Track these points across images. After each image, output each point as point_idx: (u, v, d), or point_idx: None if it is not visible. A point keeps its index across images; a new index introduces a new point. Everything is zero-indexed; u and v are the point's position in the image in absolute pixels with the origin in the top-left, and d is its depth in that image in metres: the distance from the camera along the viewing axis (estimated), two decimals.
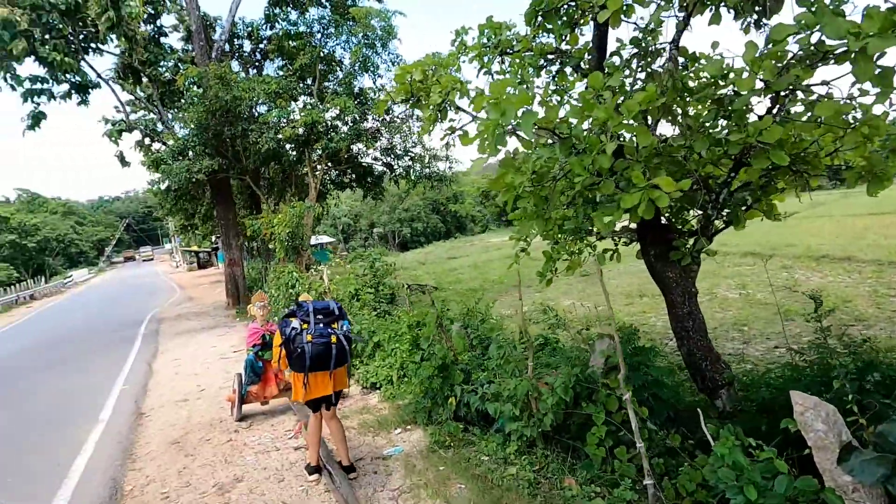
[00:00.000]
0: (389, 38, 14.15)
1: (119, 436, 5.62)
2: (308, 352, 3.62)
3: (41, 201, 68.42)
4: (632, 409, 3.15)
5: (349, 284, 9.69)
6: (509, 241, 4.56)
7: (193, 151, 13.47)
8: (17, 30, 10.65)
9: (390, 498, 3.66)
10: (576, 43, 5.20)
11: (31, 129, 13.64)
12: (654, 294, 10.49)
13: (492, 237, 42.73)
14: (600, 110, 3.33)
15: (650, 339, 7.40)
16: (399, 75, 5.34)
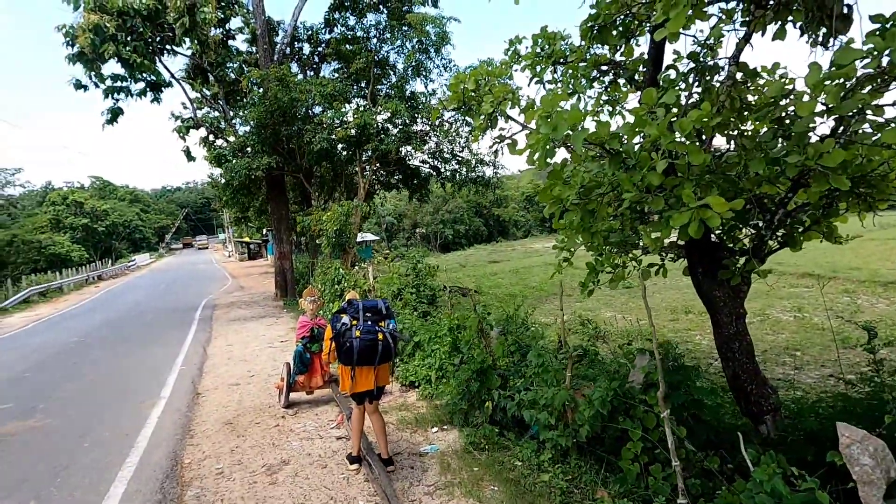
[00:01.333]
0: (443, 44, 14.40)
1: (178, 413, 6.07)
2: (356, 347, 3.84)
3: (111, 188, 73.50)
4: (669, 427, 3.15)
5: (392, 284, 9.96)
6: (551, 248, 4.62)
7: (253, 149, 14.21)
8: (106, 34, 11.65)
9: (426, 493, 3.81)
10: (631, 55, 5.19)
11: (110, 123, 14.81)
12: (699, 311, 10.18)
13: (534, 243, 42.35)
14: (652, 127, 3.35)
15: (693, 357, 7.22)
16: (453, 84, 5.48)
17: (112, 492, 4.15)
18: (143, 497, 4.04)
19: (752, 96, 4.57)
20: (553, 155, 3.60)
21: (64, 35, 12.54)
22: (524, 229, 56.10)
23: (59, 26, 12.63)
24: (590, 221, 4.14)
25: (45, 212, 51.40)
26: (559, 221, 4.22)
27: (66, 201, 52.58)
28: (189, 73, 15.73)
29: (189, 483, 4.24)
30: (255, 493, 3.99)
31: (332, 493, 3.90)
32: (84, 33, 11.87)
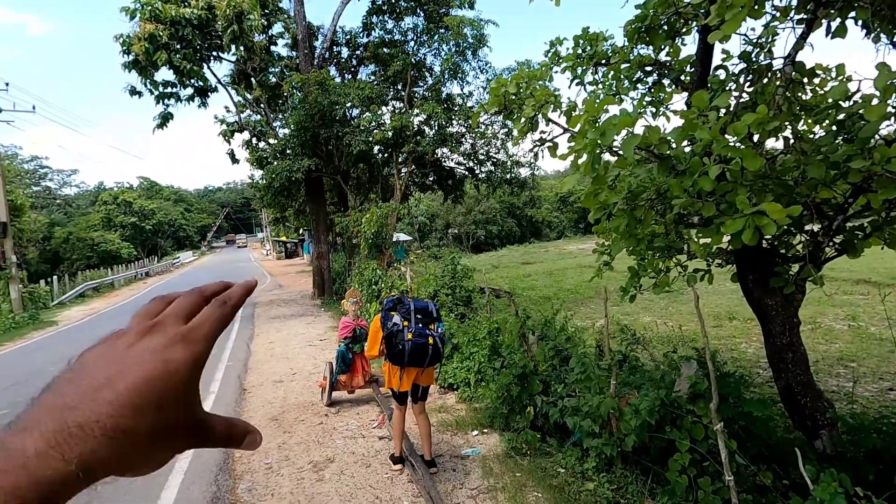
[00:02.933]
0: (480, 46, 14.40)
1: (227, 407, 6.34)
2: (408, 349, 3.91)
3: (157, 188, 76.92)
4: (722, 440, 3.08)
5: (429, 285, 10.05)
6: (585, 250, 4.59)
7: (293, 151, 14.61)
8: (159, 42, 12.26)
9: (469, 496, 3.85)
10: (677, 55, 5.07)
11: (161, 127, 15.53)
12: (745, 318, 9.82)
13: (568, 244, 41.76)
14: (704, 131, 3.27)
15: (739, 366, 6.98)
16: (494, 88, 5.50)
17: (170, 482, 4.38)
18: (199, 488, 4.25)
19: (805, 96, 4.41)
20: (600, 160, 3.57)
21: (121, 44, 13.25)
22: (557, 230, 55.40)
23: (116, 35, 13.37)
24: (635, 226, 4.09)
25: (98, 211, 54.29)
26: (604, 225, 4.18)
27: (117, 201, 55.38)
28: (234, 78, 16.32)
29: (240, 476, 4.43)
30: (304, 488, 4.13)
31: (377, 492, 3.99)
32: (139, 42, 12.52)
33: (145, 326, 0.40)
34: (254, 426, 0.43)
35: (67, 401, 0.34)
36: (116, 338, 0.40)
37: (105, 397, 0.34)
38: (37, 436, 0.32)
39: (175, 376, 0.37)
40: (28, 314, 17.64)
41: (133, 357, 0.37)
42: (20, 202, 20.95)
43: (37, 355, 11.19)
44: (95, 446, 0.33)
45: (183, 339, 0.39)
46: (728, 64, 4.56)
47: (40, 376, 8.89)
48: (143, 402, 0.35)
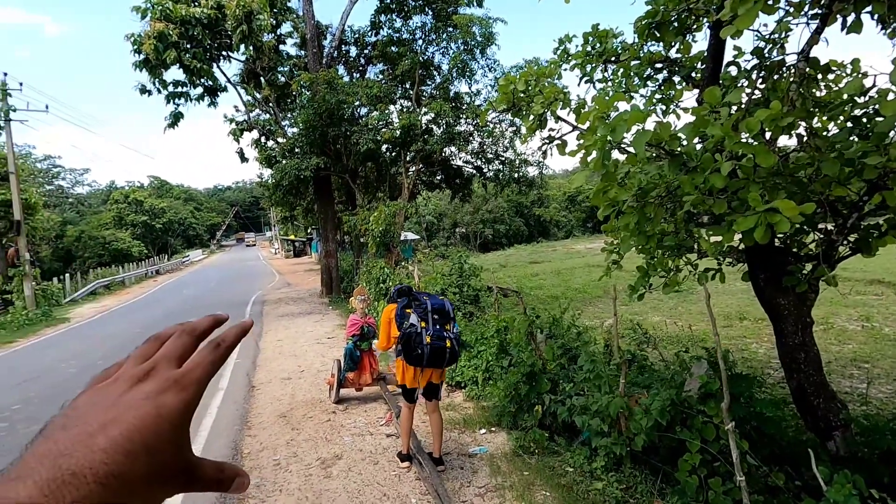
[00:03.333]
0: (488, 44, 14.38)
1: (236, 404, 6.37)
2: (426, 353, 3.87)
3: (168, 188, 77.64)
4: (733, 440, 3.05)
5: (436, 283, 10.05)
6: (593, 249, 4.55)
7: (301, 150, 14.67)
8: (169, 41, 12.36)
9: (476, 494, 3.84)
10: (688, 51, 5.02)
11: (171, 126, 15.67)
12: (755, 318, 9.72)
13: (576, 244, 41.59)
14: (716, 128, 3.24)
15: (749, 366, 6.91)
16: (503, 85, 5.47)
17: None
18: None
19: (820, 92, 4.35)
20: (610, 157, 3.54)
21: (132, 43, 13.37)
22: (566, 230, 55.20)
23: (127, 35, 13.50)
24: (645, 224, 4.05)
25: (109, 209, 54.90)
26: (613, 223, 4.15)
27: (128, 200, 55.97)
28: (243, 77, 16.42)
29: (249, 472, 4.43)
30: (312, 485, 4.14)
31: (384, 489, 4.00)
32: (149, 40, 12.64)
33: (139, 371, 0.41)
34: (243, 470, 0.44)
35: (61, 448, 0.35)
36: (108, 382, 0.40)
37: (99, 444, 0.35)
38: (30, 484, 0.33)
39: (167, 422, 0.38)
40: (41, 311, 17.88)
41: (126, 403, 0.38)
42: (34, 201, 21.20)
43: (49, 352, 11.34)
44: (88, 493, 0.33)
45: (175, 383, 0.40)
46: (740, 60, 4.51)
47: (52, 373, 9.00)
48: (135, 447, 0.35)
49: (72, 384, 8.00)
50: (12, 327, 15.44)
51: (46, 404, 7.04)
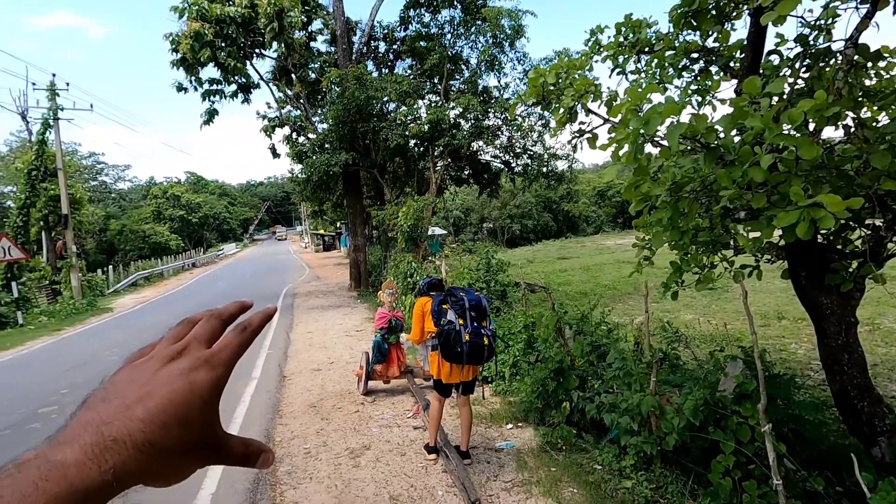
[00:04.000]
0: (517, 37, 14.21)
1: (268, 394, 6.56)
2: (466, 351, 3.86)
3: (203, 183, 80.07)
4: (770, 442, 2.95)
5: (463, 278, 10.06)
6: (623, 245, 4.46)
7: (331, 146, 14.88)
8: (204, 40, 12.72)
9: (503, 489, 3.85)
10: (726, 40, 4.84)
11: (207, 123, 16.12)
12: (795, 317, 9.36)
13: (605, 239, 40.86)
14: (755, 119, 3.11)
15: (788, 367, 6.66)
16: (532, 78, 5.40)
17: None
18: (242, 469, 4.40)
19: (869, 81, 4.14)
20: (642, 151, 3.46)
21: (170, 42, 13.82)
22: (595, 225, 54.27)
23: (166, 34, 13.95)
24: (679, 219, 3.94)
25: (149, 204, 57.04)
26: (645, 219, 4.05)
27: (166, 195, 58.02)
28: (275, 74, 16.74)
29: (281, 459, 4.58)
30: (341, 474, 4.23)
31: (411, 480, 4.05)
32: (186, 39, 13.04)
33: (172, 350, 0.43)
34: (268, 446, 0.46)
35: (103, 417, 0.38)
36: (144, 360, 0.44)
37: (137, 414, 0.38)
38: (76, 448, 0.36)
39: (198, 397, 0.40)
40: (86, 301, 18.78)
41: (161, 378, 0.41)
42: (80, 196, 22.25)
43: (94, 340, 11.91)
44: (127, 458, 0.36)
45: (206, 362, 0.43)
46: (782, 49, 4.33)
47: (97, 360, 9.46)
48: (169, 419, 0.38)
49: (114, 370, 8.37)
50: (61, 316, 16.27)
51: (92, 388, 7.39)
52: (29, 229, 20.37)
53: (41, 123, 19.93)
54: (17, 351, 11.14)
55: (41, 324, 14.99)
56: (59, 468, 0.35)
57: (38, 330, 13.95)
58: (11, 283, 15.60)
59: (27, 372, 9.00)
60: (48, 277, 20.07)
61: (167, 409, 0.39)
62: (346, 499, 3.84)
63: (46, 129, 19.94)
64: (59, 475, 0.34)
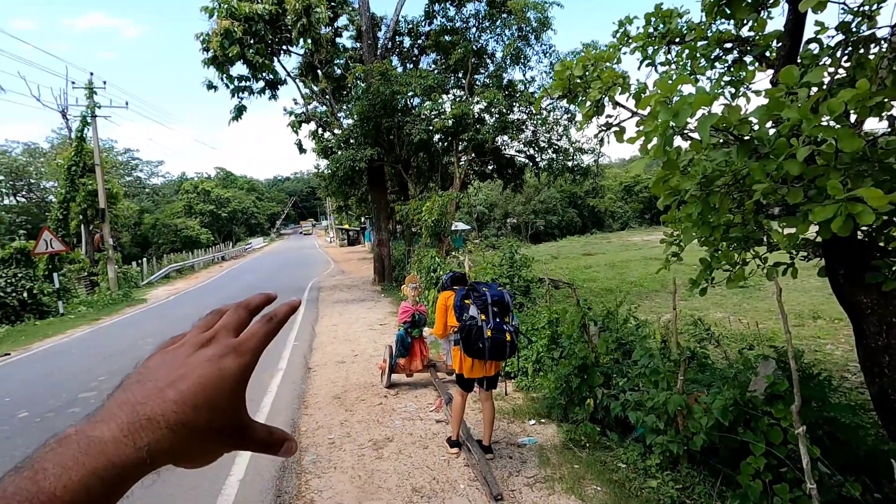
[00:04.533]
0: (544, 30, 14.02)
1: (294, 384, 6.69)
2: (488, 347, 3.85)
3: (232, 178, 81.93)
4: (804, 445, 2.86)
5: (486, 273, 10.03)
6: (650, 241, 4.35)
7: (356, 141, 15.01)
8: (234, 38, 13.00)
9: (525, 484, 3.84)
10: (762, 29, 4.67)
11: (235, 119, 16.47)
12: (831, 317, 9.01)
13: (632, 235, 40.10)
14: (792, 110, 3.00)
15: (823, 368, 6.42)
16: (558, 71, 5.32)
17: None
18: (269, 457, 4.51)
19: None
20: (672, 143, 3.37)
21: (201, 42, 14.16)
22: (621, 221, 53.31)
23: (197, 34, 14.30)
24: (710, 214, 3.83)
25: (180, 199, 58.70)
26: (674, 214, 3.96)
27: (197, 190, 59.58)
28: (301, 70, 16.96)
29: (306, 449, 4.68)
30: (364, 464, 4.29)
31: (433, 473, 4.08)
32: (216, 37, 13.34)
33: (202, 338, 0.45)
34: (291, 435, 0.48)
35: (138, 398, 0.40)
36: (176, 346, 0.45)
37: (170, 396, 0.40)
38: (113, 426, 0.38)
39: (227, 382, 0.42)
40: (122, 292, 19.50)
41: (192, 364, 0.43)
42: (116, 191, 23.09)
43: (130, 329, 12.37)
44: (160, 437, 0.38)
45: (234, 350, 0.45)
46: (822, 37, 4.15)
47: (133, 348, 9.82)
48: (200, 401, 0.40)
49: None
50: (98, 306, 16.95)
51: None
52: (69, 223, 21.24)
53: (80, 121, 20.72)
54: (58, 339, 11.67)
55: (80, 313, 15.65)
56: (98, 444, 0.36)
57: (77, 319, 14.57)
58: (53, 275, 16.32)
59: (68, 359, 9.41)
60: (87, 269, 20.92)
61: (197, 392, 0.40)
62: (369, 489, 3.89)
63: (85, 126, 20.71)
64: (97, 450, 0.36)
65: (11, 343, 11.46)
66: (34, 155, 44.40)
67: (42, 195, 43.95)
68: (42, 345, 11.08)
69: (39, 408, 6.38)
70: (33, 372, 8.56)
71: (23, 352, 10.43)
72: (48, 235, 15.95)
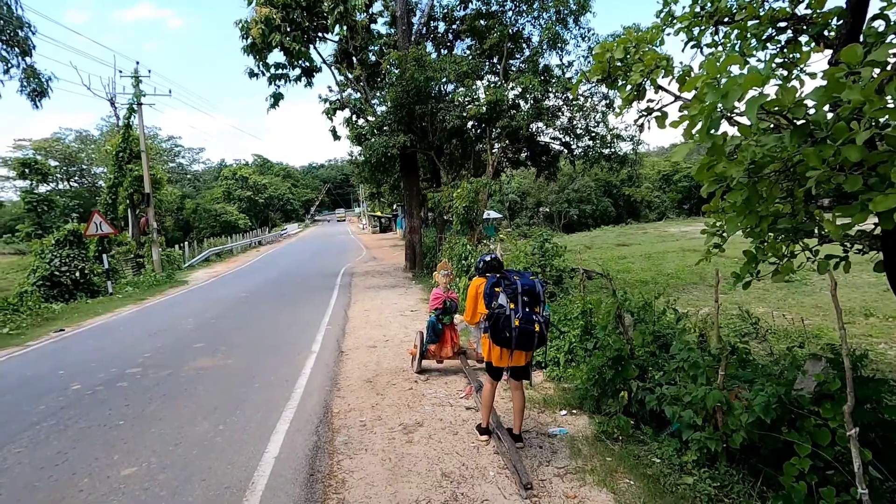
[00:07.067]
0: (583, 13, 13.60)
1: (326, 367, 6.84)
2: (515, 336, 3.80)
3: (269, 165, 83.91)
4: (856, 447, 2.70)
5: (518, 262, 9.93)
6: (689, 232, 4.17)
7: (389, 128, 15.03)
8: (273, 25, 13.18)
9: (555, 475, 3.80)
10: (821, 6, 4.37)
11: (273, 107, 16.79)
12: (886, 315, 8.52)
13: (669, 226, 38.88)
14: (855, 91, 2.78)
15: (876, 368, 6.08)
16: (598, 54, 5.13)
17: (279, 428, 4.85)
18: (303, 436, 4.65)
19: None
20: (718, 127, 3.19)
21: (240, 29, 14.43)
22: (658, 211, 51.75)
23: (236, 21, 14.57)
24: (757, 203, 3.64)
25: (220, 185, 60.57)
26: (717, 203, 3.78)
27: (235, 176, 61.31)
28: (336, 57, 17.07)
29: (338, 430, 4.77)
30: (394, 447, 4.35)
31: (463, 459, 4.09)
32: (256, 25, 13.58)
33: None
34: None
35: None
36: None
37: None
38: None
39: None
40: (166, 274, 20.37)
41: None
42: (160, 176, 24.02)
43: (173, 309, 12.92)
44: None
45: None
46: (889, 13, 3.84)
47: (175, 328, 10.25)
48: None
49: (191, 338, 9.06)
50: (143, 287, 17.76)
51: (170, 353, 8.05)
52: (117, 207, 22.26)
53: (127, 109, 21.57)
54: (107, 317, 12.30)
55: (127, 293, 16.44)
56: None
57: (125, 299, 15.32)
58: (103, 256, 17.18)
59: (116, 336, 9.92)
60: (133, 251, 21.93)
61: None
62: (399, 472, 3.94)
63: (131, 114, 21.56)
64: None
65: (66, 320, 12.16)
66: (85, 142, 46.65)
67: (93, 180, 46.19)
68: (93, 322, 11.71)
69: (91, 381, 6.75)
70: (85, 347, 9.06)
71: (76, 328, 11.06)
72: (98, 218, 16.76)
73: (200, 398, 5.85)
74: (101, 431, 5.05)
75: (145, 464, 4.28)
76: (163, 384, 6.39)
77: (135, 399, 5.93)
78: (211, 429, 4.91)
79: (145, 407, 5.65)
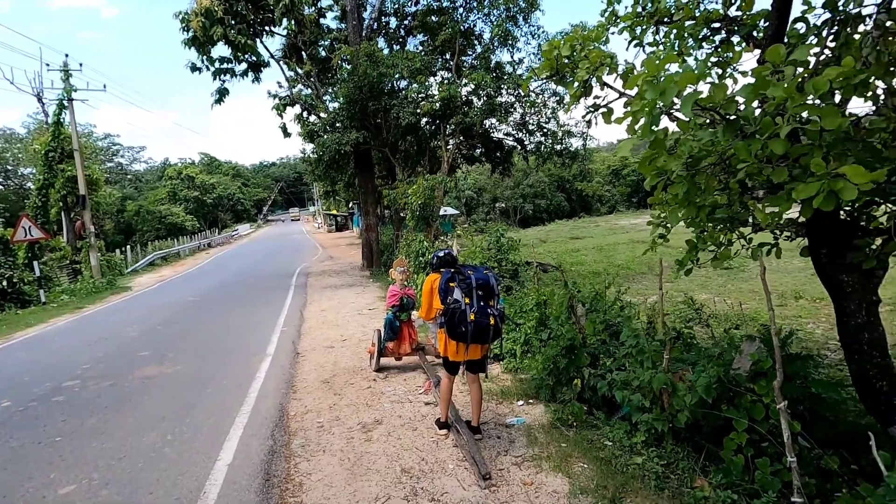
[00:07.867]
0: (532, 11, 13.83)
1: (282, 369, 6.67)
2: (470, 331, 3.84)
3: (217, 164, 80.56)
4: (785, 420, 2.91)
5: (475, 257, 10.02)
6: (638, 224, 4.36)
7: (342, 124, 14.77)
8: (214, 17, 12.63)
9: (513, 463, 3.88)
10: (750, 8, 4.65)
11: (218, 102, 16.12)
12: (813, 297, 9.19)
13: (620, 219, 40.36)
14: (778, 88, 2.98)
15: (805, 347, 6.57)
16: (546, 51, 5.24)
17: (232, 434, 4.69)
18: (258, 441, 4.52)
19: None
20: (658, 122, 3.34)
21: (180, 21, 13.75)
22: (609, 205, 53.60)
23: (176, 13, 13.87)
24: (696, 195, 3.84)
25: (164, 185, 57.67)
26: (660, 195, 3.96)
27: (181, 176, 58.53)
28: (285, 52, 16.60)
29: (295, 433, 4.67)
30: (353, 447, 4.30)
31: (422, 454, 4.10)
32: (196, 17, 12.97)
33: None
34: None
35: None
36: None
37: None
38: None
39: None
40: (106, 280, 19.18)
41: None
42: (96, 177, 22.54)
43: (114, 317, 12.19)
44: None
45: None
46: (809, 16, 4.14)
47: (118, 336, 9.68)
48: None
49: (135, 346, 8.60)
50: (81, 294, 16.67)
51: (112, 363, 7.61)
52: (48, 210, 20.73)
53: (56, 105, 20.10)
54: (40, 328, 11.47)
55: (63, 302, 15.38)
56: None
57: (60, 308, 14.32)
58: (33, 263, 15.97)
59: (51, 347, 9.27)
60: (68, 257, 20.51)
61: None
62: (358, 471, 3.90)
63: (61, 111, 20.11)
64: None
65: None
66: (10, 140, 43.12)
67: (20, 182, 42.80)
68: (25, 334, 10.88)
69: (23, 397, 6.29)
70: (15, 360, 8.42)
71: (5, 340, 10.24)
72: (27, 223, 15.57)
73: (147, 408, 5.56)
74: (36, 449, 4.72)
75: (86, 480, 4.04)
76: (104, 396, 6.03)
77: (73, 413, 5.56)
78: (159, 439, 4.68)
79: (85, 421, 5.32)
